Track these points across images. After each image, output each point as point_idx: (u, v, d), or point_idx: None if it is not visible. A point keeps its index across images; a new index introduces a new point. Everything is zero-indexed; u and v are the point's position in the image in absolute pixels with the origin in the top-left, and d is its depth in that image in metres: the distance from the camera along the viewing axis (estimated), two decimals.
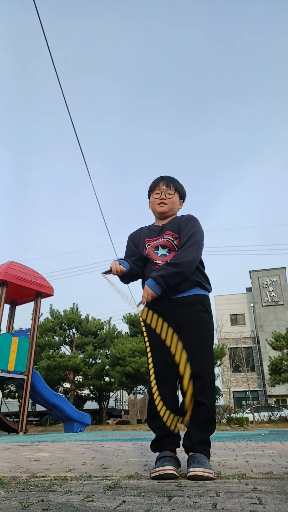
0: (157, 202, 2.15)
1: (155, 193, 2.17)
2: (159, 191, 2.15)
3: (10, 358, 8.35)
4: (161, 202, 2.14)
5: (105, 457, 2.60)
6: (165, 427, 1.79)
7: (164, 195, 2.14)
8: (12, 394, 19.35)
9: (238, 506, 1.12)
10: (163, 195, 2.14)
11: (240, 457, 2.47)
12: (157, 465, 1.70)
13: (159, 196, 2.14)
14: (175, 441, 1.86)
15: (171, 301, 1.95)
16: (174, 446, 1.85)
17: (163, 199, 2.14)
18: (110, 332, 20.27)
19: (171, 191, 2.15)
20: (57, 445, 4.00)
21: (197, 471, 1.60)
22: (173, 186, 2.16)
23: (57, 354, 17.59)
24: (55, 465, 2.24)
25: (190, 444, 1.78)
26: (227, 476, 1.68)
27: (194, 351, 1.82)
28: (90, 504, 1.18)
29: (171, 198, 2.14)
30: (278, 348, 20.78)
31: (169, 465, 1.66)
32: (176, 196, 2.17)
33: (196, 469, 1.61)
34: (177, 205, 2.19)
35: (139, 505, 1.16)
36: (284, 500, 1.19)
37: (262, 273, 35.02)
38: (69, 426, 9.82)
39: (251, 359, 31.23)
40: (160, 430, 1.85)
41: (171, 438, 1.85)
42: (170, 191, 2.15)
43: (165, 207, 2.14)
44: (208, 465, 1.66)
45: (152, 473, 1.66)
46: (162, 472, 1.64)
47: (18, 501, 1.24)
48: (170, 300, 1.95)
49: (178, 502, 1.19)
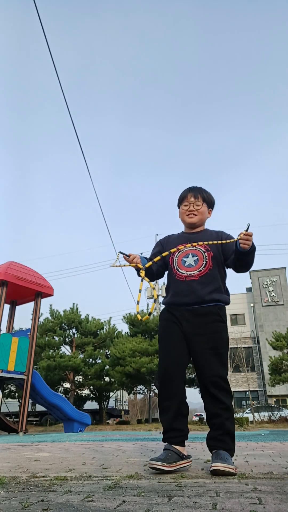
0: (186, 213, 2.25)
1: (184, 204, 2.26)
2: (188, 203, 2.24)
3: (10, 358, 8.34)
4: (190, 213, 2.24)
5: (105, 457, 2.59)
6: (168, 421, 1.97)
7: (192, 207, 2.23)
8: (12, 394, 19.35)
9: (238, 506, 1.12)
10: (192, 206, 2.23)
11: (240, 457, 2.47)
12: (153, 456, 1.90)
13: (188, 208, 2.24)
14: (178, 435, 1.96)
15: (189, 310, 2.06)
16: (177, 440, 1.95)
17: (191, 210, 2.23)
18: (110, 332, 20.27)
19: (199, 202, 2.24)
20: (57, 445, 4.00)
21: (220, 466, 1.70)
22: (201, 197, 2.24)
23: (57, 354, 17.59)
24: (55, 465, 2.23)
25: (212, 442, 1.91)
26: (227, 476, 1.68)
27: (208, 359, 1.97)
28: (90, 504, 1.18)
29: (199, 208, 2.23)
30: (279, 348, 20.77)
31: (157, 460, 1.81)
32: (204, 206, 2.25)
33: (218, 464, 1.71)
34: (206, 214, 2.28)
35: (139, 505, 1.16)
36: (284, 500, 1.19)
37: (262, 273, 35.00)
38: (69, 426, 9.82)
39: (251, 359, 31.22)
40: (164, 423, 1.99)
41: (174, 432, 1.96)
42: (198, 202, 2.24)
43: (194, 218, 2.24)
44: (231, 461, 1.77)
45: (148, 463, 1.85)
46: (150, 465, 1.82)
47: (18, 501, 1.24)
48: (188, 309, 2.06)
49: (178, 502, 1.19)
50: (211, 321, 2.02)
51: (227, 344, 2.05)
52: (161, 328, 2.15)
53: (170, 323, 2.08)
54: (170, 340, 2.05)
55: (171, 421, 1.96)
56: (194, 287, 2.05)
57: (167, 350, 2.05)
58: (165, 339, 2.09)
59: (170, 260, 2.20)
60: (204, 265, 2.09)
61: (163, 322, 2.15)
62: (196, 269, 2.09)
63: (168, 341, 2.06)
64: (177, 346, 2.02)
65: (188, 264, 2.12)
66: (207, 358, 1.97)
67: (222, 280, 2.15)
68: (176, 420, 1.97)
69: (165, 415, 1.99)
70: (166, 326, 2.11)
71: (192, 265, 2.10)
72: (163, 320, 2.16)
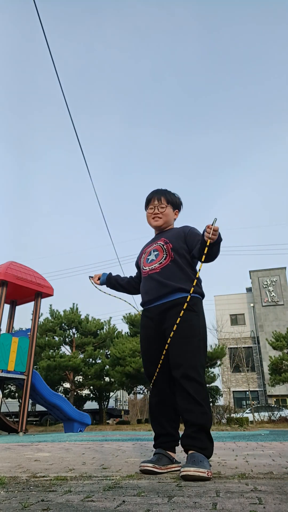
0: (151, 216, 2.27)
1: (149, 208, 2.28)
2: (153, 206, 2.26)
3: (10, 358, 8.34)
4: (155, 216, 2.25)
5: (105, 457, 2.59)
6: (160, 426, 1.98)
7: (157, 209, 2.24)
8: (12, 394, 19.34)
9: (238, 506, 1.12)
10: (156, 209, 2.24)
11: (240, 457, 2.47)
12: (143, 460, 1.91)
13: (153, 211, 2.25)
14: (170, 440, 1.96)
15: (157, 307, 2.06)
16: (169, 445, 1.96)
17: (156, 213, 2.24)
18: (110, 332, 20.26)
19: (163, 204, 2.24)
20: (57, 445, 4.00)
21: (189, 471, 1.58)
22: (164, 199, 2.24)
23: (57, 354, 17.58)
24: (55, 465, 2.24)
25: (186, 441, 1.79)
26: (227, 476, 1.68)
27: (179, 348, 1.90)
28: (90, 504, 1.18)
29: (164, 211, 2.24)
30: (279, 348, 20.78)
31: (149, 462, 1.81)
32: (169, 208, 2.25)
33: (188, 468, 1.60)
34: (172, 216, 2.28)
35: (139, 505, 1.16)
36: (284, 500, 1.19)
37: (262, 273, 35.00)
38: (69, 426, 9.82)
39: (251, 359, 31.22)
40: (155, 428, 2.00)
41: (166, 437, 1.97)
42: (162, 205, 2.24)
43: (159, 221, 2.25)
44: (205, 464, 1.64)
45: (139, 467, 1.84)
46: (141, 468, 1.81)
47: (18, 501, 1.24)
48: (157, 306, 2.06)
49: (178, 502, 1.19)
50: (179, 311, 1.95)
51: (200, 333, 1.95)
52: (141, 336, 2.16)
53: (148, 330, 2.09)
54: (147, 349, 2.07)
55: (162, 426, 1.98)
56: (156, 279, 2.05)
57: (147, 359, 2.07)
58: (143, 347, 2.11)
59: (139, 262, 2.28)
60: (164, 258, 2.09)
61: (142, 330, 2.17)
62: (156, 262, 2.10)
63: (146, 349, 2.08)
64: (158, 352, 2.00)
65: (150, 260, 2.15)
66: (177, 347, 1.90)
67: (189, 269, 2.09)
68: (167, 425, 1.98)
69: (155, 419, 2.01)
70: (144, 334, 2.12)
71: (154, 259, 2.13)
72: (141, 327, 2.18)
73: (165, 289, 2.02)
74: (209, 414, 1.82)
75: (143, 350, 2.12)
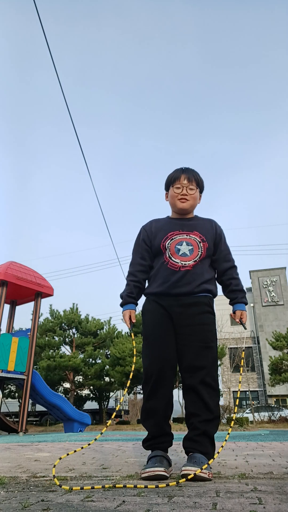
0: (178, 197, 2.02)
1: (176, 187, 2.02)
2: (180, 186, 2.01)
3: (10, 358, 8.34)
4: (183, 198, 2.01)
5: (105, 457, 2.59)
6: (159, 425, 1.81)
7: (186, 191, 2.00)
8: (12, 394, 19.33)
9: (238, 506, 1.12)
10: (185, 190, 2.00)
11: (240, 457, 2.47)
12: (148, 465, 1.68)
13: (180, 191, 2.01)
14: (167, 440, 1.84)
15: (178, 300, 1.90)
16: (166, 445, 1.83)
17: (184, 194, 2.00)
18: (110, 332, 20.25)
19: (193, 186, 2.01)
20: (57, 445, 4.00)
21: (190, 470, 1.55)
22: (195, 181, 2.02)
23: (57, 354, 17.58)
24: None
25: (188, 444, 1.75)
26: (227, 476, 1.68)
27: (198, 353, 1.82)
28: (90, 504, 1.18)
29: (193, 194, 2.02)
30: (279, 348, 20.78)
31: (159, 466, 1.63)
32: (197, 192, 2.05)
33: (189, 468, 1.57)
34: (198, 200, 2.08)
35: (139, 505, 1.16)
36: (284, 500, 1.19)
37: (262, 273, 35.00)
38: (69, 426, 9.82)
39: (251, 359, 31.22)
40: (153, 428, 1.82)
41: (164, 437, 1.82)
42: (192, 186, 2.01)
43: (186, 204, 2.02)
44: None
45: (143, 473, 1.63)
46: (152, 473, 1.60)
47: (18, 501, 1.24)
48: (177, 299, 1.91)
49: (178, 502, 1.19)
50: (201, 312, 1.88)
51: (216, 339, 1.91)
52: (148, 321, 1.95)
53: (158, 316, 1.91)
54: (159, 336, 1.88)
55: (160, 425, 1.81)
56: (187, 277, 1.90)
57: (157, 347, 1.87)
58: (153, 335, 1.90)
59: (161, 247, 1.98)
60: (199, 256, 1.94)
61: (150, 315, 1.95)
62: (191, 259, 1.92)
63: (157, 336, 1.88)
64: (169, 342, 1.86)
65: (182, 253, 1.94)
66: (196, 352, 1.80)
67: (212, 270, 2.04)
68: (165, 424, 1.83)
69: (153, 418, 1.83)
70: (153, 319, 1.92)
71: (187, 255, 1.93)
72: (149, 312, 1.96)
73: (193, 288, 1.90)
74: (217, 421, 1.78)
75: (152, 339, 1.90)
